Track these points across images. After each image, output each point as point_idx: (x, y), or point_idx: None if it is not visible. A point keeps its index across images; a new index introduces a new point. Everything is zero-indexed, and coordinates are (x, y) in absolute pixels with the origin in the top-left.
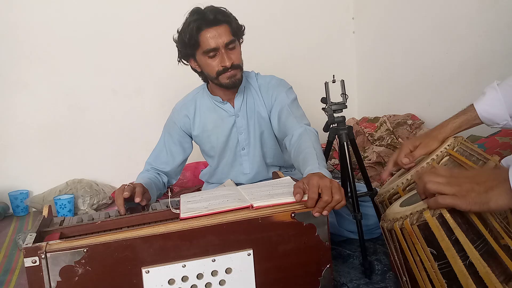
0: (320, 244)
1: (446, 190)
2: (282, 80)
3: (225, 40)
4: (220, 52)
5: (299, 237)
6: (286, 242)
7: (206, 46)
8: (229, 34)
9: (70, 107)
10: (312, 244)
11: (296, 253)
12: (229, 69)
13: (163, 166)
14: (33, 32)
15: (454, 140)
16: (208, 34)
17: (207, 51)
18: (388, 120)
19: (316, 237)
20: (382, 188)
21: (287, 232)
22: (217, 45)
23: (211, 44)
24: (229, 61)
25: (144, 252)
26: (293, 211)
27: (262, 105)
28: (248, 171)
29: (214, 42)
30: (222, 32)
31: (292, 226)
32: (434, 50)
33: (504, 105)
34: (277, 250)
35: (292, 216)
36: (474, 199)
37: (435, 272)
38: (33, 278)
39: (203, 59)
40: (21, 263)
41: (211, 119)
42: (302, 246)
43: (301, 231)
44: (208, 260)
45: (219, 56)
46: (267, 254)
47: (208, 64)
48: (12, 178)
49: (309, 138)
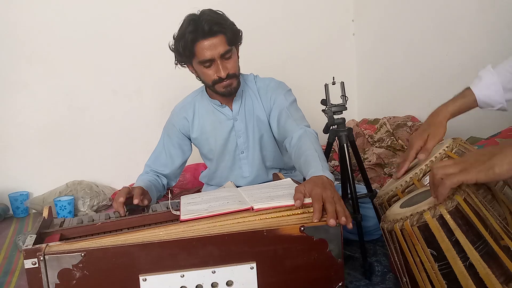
0: (332, 260)
1: (452, 169)
2: (281, 82)
3: (220, 51)
4: (216, 62)
5: (308, 252)
6: (294, 256)
7: (201, 56)
8: (225, 44)
9: (70, 107)
10: (323, 260)
11: (304, 269)
12: (225, 79)
13: (162, 169)
14: (33, 32)
15: (452, 141)
16: (203, 45)
17: (203, 61)
18: (388, 122)
19: (328, 253)
20: (381, 191)
21: (295, 246)
22: (213, 56)
23: (206, 55)
24: (224, 72)
25: (142, 259)
26: (302, 225)
27: (261, 108)
28: (248, 174)
29: (209, 53)
30: (217, 43)
31: (301, 240)
32: (434, 51)
33: (501, 90)
34: (284, 265)
35: (301, 229)
36: (479, 168)
37: (435, 273)
38: (33, 280)
39: (199, 68)
40: (21, 265)
41: (210, 122)
42: (311, 262)
43: (310, 246)
44: (208, 271)
45: (215, 66)
46: (272, 269)
47: (204, 73)
48: (12, 180)
49: (309, 140)
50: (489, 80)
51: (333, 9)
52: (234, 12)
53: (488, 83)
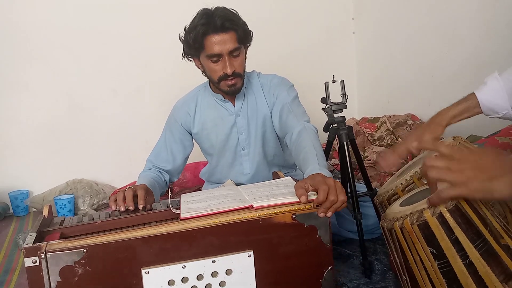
0: (322, 245)
1: (447, 177)
2: (283, 78)
3: (229, 47)
4: (224, 58)
5: (300, 238)
6: (287, 243)
7: (210, 50)
8: (235, 41)
9: (70, 107)
10: (314, 245)
11: (297, 254)
12: (230, 77)
13: (164, 165)
14: (33, 31)
15: (453, 140)
16: (213, 39)
17: (211, 55)
18: (388, 120)
19: (318, 239)
20: (381, 189)
21: (288, 234)
22: (221, 51)
23: (215, 49)
24: (231, 69)
25: (143, 252)
26: (294, 212)
27: (264, 104)
28: (248, 171)
29: (218, 48)
30: (227, 39)
31: (293, 227)
32: (434, 50)
33: (506, 96)
34: (278, 252)
35: (293, 217)
36: (477, 187)
37: (435, 272)
38: (33, 278)
39: (206, 62)
40: (21, 263)
41: (211, 117)
42: (303, 248)
43: (302, 233)
44: (208, 261)
45: (222, 61)
46: (268, 256)
47: (211, 68)
48: (12, 178)
49: (307, 136)
50: (494, 86)
51: (333, 7)
52: None
53: (492, 89)
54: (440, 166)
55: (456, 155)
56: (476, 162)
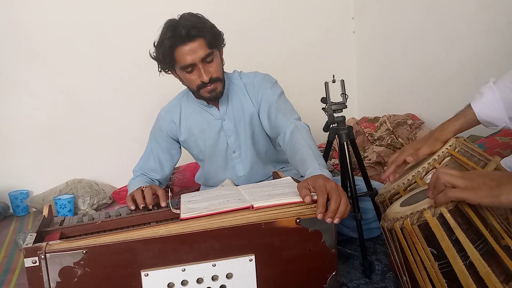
0: (326, 251)
1: (458, 182)
2: (266, 75)
3: (201, 55)
4: (198, 66)
5: (304, 243)
6: (290, 248)
7: (182, 62)
8: (205, 47)
9: (70, 106)
10: (318, 251)
11: (300, 259)
12: (208, 83)
13: (153, 174)
14: (33, 32)
15: (455, 140)
16: (182, 51)
17: (184, 67)
18: (388, 120)
19: (322, 244)
20: (383, 188)
21: (291, 238)
22: (193, 61)
23: (187, 60)
24: (207, 76)
25: (143, 254)
26: (298, 217)
27: (249, 104)
28: (242, 173)
29: (190, 58)
30: (196, 47)
31: (297, 232)
32: (434, 49)
33: (503, 108)
34: (281, 256)
35: (297, 221)
36: (485, 192)
37: (435, 272)
38: (33, 278)
39: (182, 73)
40: (21, 263)
41: (197, 123)
42: (307, 253)
43: (306, 238)
44: (209, 265)
45: (197, 70)
46: (270, 260)
47: (187, 79)
48: (12, 178)
49: (301, 135)
50: (490, 98)
51: (333, 7)
52: (233, 11)
53: (489, 102)
54: (453, 173)
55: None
56: (486, 174)
